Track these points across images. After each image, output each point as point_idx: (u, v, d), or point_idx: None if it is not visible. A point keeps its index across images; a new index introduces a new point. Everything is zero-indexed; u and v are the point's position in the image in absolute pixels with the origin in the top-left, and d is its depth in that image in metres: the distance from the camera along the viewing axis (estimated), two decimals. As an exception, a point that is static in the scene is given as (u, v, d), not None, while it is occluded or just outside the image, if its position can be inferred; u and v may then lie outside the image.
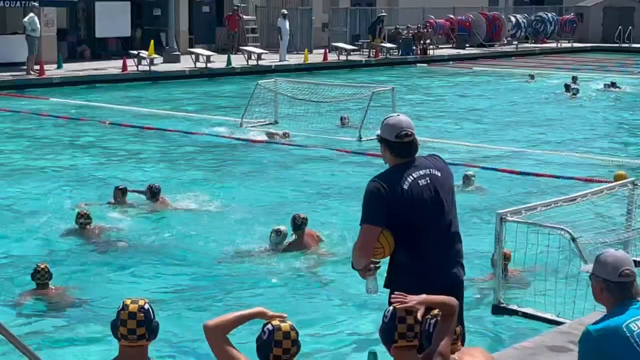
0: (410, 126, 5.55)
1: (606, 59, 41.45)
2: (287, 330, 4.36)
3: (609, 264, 4.67)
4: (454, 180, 5.80)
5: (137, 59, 30.43)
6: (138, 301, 4.53)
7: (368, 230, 5.39)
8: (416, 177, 5.46)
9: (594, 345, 4.58)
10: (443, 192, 5.51)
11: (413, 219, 5.40)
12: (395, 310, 4.68)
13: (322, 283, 9.91)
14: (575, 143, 19.20)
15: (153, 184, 13.06)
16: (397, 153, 5.52)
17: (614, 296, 4.66)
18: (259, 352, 4.39)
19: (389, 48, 38.38)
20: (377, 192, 5.39)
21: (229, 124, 20.88)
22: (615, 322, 4.59)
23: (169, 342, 7.91)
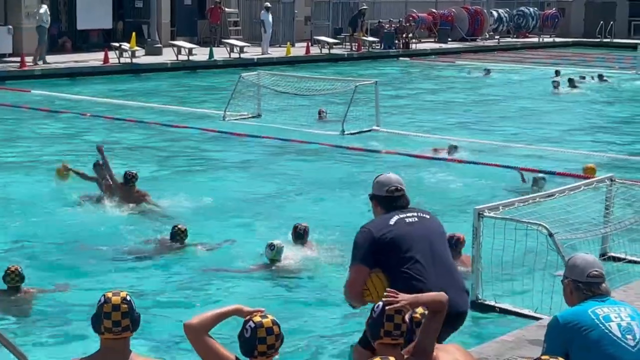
0: (399, 182, 5.86)
1: (588, 54, 41.64)
2: (269, 326, 4.37)
3: (578, 267, 4.97)
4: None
5: (118, 51, 30.31)
6: (120, 293, 4.54)
7: (354, 270, 5.67)
8: (403, 216, 5.74)
9: (561, 329, 4.82)
10: (431, 231, 5.74)
11: (405, 251, 5.59)
12: (384, 308, 4.72)
13: (303, 278, 9.92)
14: (556, 137, 19.29)
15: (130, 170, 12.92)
16: (386, 206, 5.81)
17: (582, 295, 4.91)
18: (243, 349, 4.39)
19: (371, 42, 38.39)
20: (364, 234, 5.69)
21: (211, 117, 20.86)
22: (581, 308, 4.86)
23: (150, 340, 7.91)
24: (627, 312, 4.82)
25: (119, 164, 15.63)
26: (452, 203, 13.02)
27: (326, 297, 9.23)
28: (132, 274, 9.97)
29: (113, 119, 20.51)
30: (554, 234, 7.80)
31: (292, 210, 12.75)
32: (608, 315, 4.76)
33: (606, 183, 9.44)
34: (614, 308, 4.82)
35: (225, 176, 15.09)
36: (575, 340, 4.74)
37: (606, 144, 19.02)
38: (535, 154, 16.56)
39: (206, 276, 9.90)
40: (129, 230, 11.35)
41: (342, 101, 20.65)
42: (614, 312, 4.78)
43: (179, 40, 34.32)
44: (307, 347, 8.09)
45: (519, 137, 19.24)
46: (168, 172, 15.24)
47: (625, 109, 24.49)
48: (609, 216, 9.28)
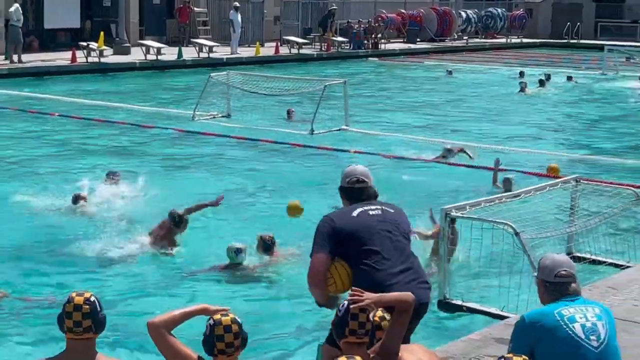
0: (364, 174, 5.80)
1: (555, 55, 41.97)
2: (228, 324, 4.37)
3: (547, 267, 4.99)
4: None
5: (86, 51, 30.15)
6: (84, 293, 4.52)
7: (314, 259, 5.60)
8: (367, 209, 5.68)
9: (526, 329, 4.86)
10: (394, 224, 5.67)
11: (366, 243, 5.54)
12: (349, 306, 4.75)
13: (270, 278, 9.93)
14: (522, 137, 19.43)
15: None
16: (348, 197, 5.77)
17: (552, 295, 4.95)
18: (204, 347, 4.41)
19: (340, 42, 38.46)
20: (325, 224, 5.63)
21: (180, 117, 20.81)
22: (548, 309, 4.90)
23: (114, 339, 7.89)
24: (594, 312, 4.83)
25: (86, 164, 15.60)
26: (420, 202, 13.07)
27: (292, 298, 9.24)
28: (101, 275, 9.92)
29: (81, 119, 20.40)
30: (519, 232, 7.87)
31: (261, 210, 12.77)
32: (573, 316, 4.78)
33: (572, 183, 9.53)
34: (581, 308, 4.84)
35: (194, 176, 15.06)
36: (539, 341, 4.78)
37: (572, 144, 19.19)
38: (501, 154, 16.65)
39: (175, 277, 9.88)
40: (95, 232, 11.30)
41: (311, 101, 20.68)
42: (579, 313, 4.80)
43: (147, 39, 34.18)
44: (275, 347, 8.11)
45: (486, 137, 19.34)
46: (136, 172, 15.16)
47: (592, 110, 24.71)
48: (574, 216, 9.37)
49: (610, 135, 20.42)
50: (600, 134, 20.63)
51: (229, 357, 4.38)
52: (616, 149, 18.49)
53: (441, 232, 8.08)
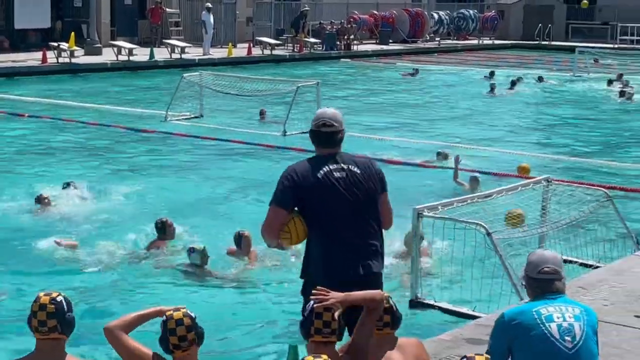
0: (333, 118, 5.63)
1: (526, 56, 42.20)
2: (179, 318, 4.38)
3: (533, 262, 4.97)
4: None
5: (57, 51, 29.96)
6: (51, 293, 4.49)
7: (272, 211, 5.52)
8: (332, 168, 5.55)
9: (505, 326, 4.85)
10: (359, 188, 5.58)
11: (324, 207, 5.48)
12: (314, 306, 4.75)
13: (239, 278, 9.89)
14: (494, 138, 19.51)
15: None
16: (316, 142, 5.64)
17: (534, 291, 4.95)
18: (161, 345, 4.43)
19: (313, 43, 38.48)
20: (289, 176, 5.51)
21: (153, 117, 20.72)
22: (527, 307, 4.89)
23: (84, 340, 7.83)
24: (573, 313, 4.79)
25: (57, 166, 15.50)
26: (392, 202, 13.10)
27: (267, 299, 9.23)
28: (69, 277, 9.80)
29: (52, 119, 20.26)
30: (491, 233, 7.89)
31: (233, 211, 12.73)
32: (551, 315, 4.76)
33: (543, 184, 9.58)
34: (561, 307, 4.80)
35: (166, 177, 15.00)
36: (516, 338, 4.78)
37: (543, 144, 19.30)
38: (473, 154, 16.72)
39: (144, 279, 9.81)
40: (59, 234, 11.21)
41: (284, 102, 20.66)
42: (557, 312, 4.77)
43: (119, 40, 34.03)
44: (247, 347, 8.08)
45: (457, 137, 19.40)
46: (108, 173, 15.09)
47: (562, 111, 24.86)
48: (546, 216, 9.42)
49: (580, 136, 20.55)
50: (571, 135, 20.75)
51: (184, 352, 4.38)
52: (587, 149, 18.61)
53: (413, 232, 8.09)
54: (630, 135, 20.85)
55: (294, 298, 9.04)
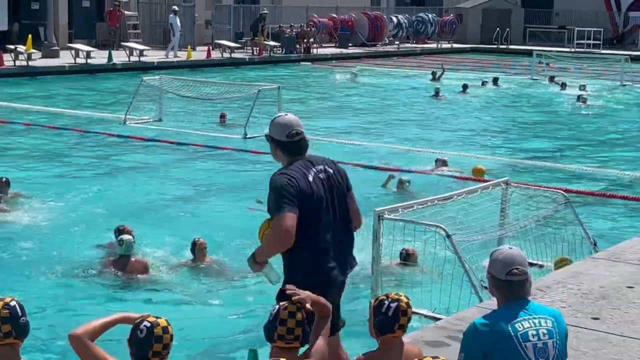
0: (299, 125, 5.70)
1: (485, 60, 42.53)
2: (165, 325, 4.36)
3: (499, 262, 4.66)
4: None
5: (14, 54, 29.67)
6: (5, 298, 4.43)
7: (288, 217, 5.41)
8: (317, 171, 5.62)
9: (478, 339, 4.59)
10: (337, 189, 5.69)
11: (317, 212, 5.54)
12: (279, 312, 4.74)
13: (201, 283, 9.86)
14: (452, 142, 19.62)
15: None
16: (289, 152, 5.66)
17: (502, 294, 4.67)
18: (136, 352, 4.35)
19: (272, 46, 38.45)
20: (291, 180, 5.48)
21: (111, 121, 20.58)
22: (502, 320, 4.60)
23: (37, 349, 7.76)
24: (546, 327, 4.61)
25: (13, 169, 15.32)
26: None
27: (224, 304, 9.20)
28: (22, 281, 9.71)
29: (8, 123, 20.05)
30: (451, 235, 7.94)
31: (193, 214, 12.67)
32: (526, 333, 4.55)
33: (502, 186, 9.65)
34: (535, 321, 4.60)
35: (125, 181, 14.89)
36: (489, 354, 4.57)
37: (501, 147, 19.44)
38: (430, 157, 16.81)
39: (101, 284, 9.73)
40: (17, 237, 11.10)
41: (244, 105, 20.63)
42: (533, 329, 4.57)
43: (76, 43, 33.76)
44: (207, 353, 8.05)
45: (414, 141, 19.48)
46: (65, 176, 14.97)
47: (521, 114, 25.08)
48: (505, 218, 9.49)
49: (538, 139, 20.73)
50: (529, 138, 20.93)
51: (161, 359, 4.34)
52: (545, 152, 18.78)
53: (374, 234, 8.11)
54: (586, 138, 21.09)
55: (253, 301, 9.08)
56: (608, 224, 12.74)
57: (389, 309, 4.89)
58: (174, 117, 20.83)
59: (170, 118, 20.70)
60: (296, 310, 4.77)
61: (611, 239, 11.02)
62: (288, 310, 4.75)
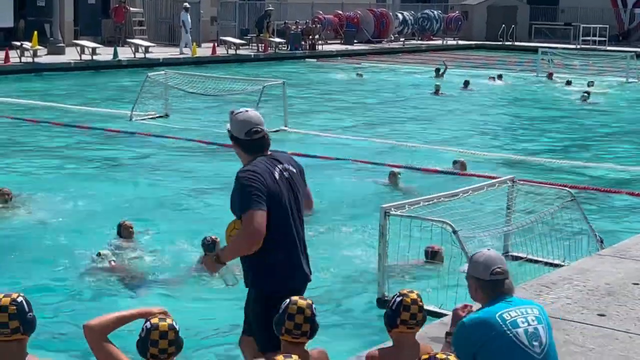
0: (259, 122, 5.50)
1: (490, 57, 42.48)
2: (164, 330, 4.31)
3: (481, 264, 4.87)
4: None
5: (20, 51, 29.70)
6: (11, 294, 4.42)
7: (258, 215, 5.21)
8: (281, 169, 5.45)
9: (467, 335, 4.73)
10: (298, 187, 5.53)
11: (282, 211, 5.37)
12: (288, 306, 4.77)
13: (211, 279, 9.86)
14: (455, 138, 19.61)
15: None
16: (248, 150, 5.48)
17: (487, 294, 4.85)
18: (138, 348, 4.36)
19: (277, 43, 38.45)
20: (256, 177, 5.30)
21: (118, 117, 20.59)
22: (488, 313, 4.76)
23: (48, 340, 7.79)
24: (533, 315, 4.76)
25: (20, 166, 15.36)
26: (359, 202, 13.15)
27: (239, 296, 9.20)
28: (29, 276, 9.72)
29: (14, 119, 20.08)
30: (457, 231, 7.95)
31: (198, 211, 12.69)
32: (515, 321, 4.69)
33: (508, 184, 9.66)
34: (522, 310, 4.75)
35: (131, 177, 14.92)
36: (483, 347, 4.68)
37: (507, 144, 19.43)
38: (435, 155, 16.81)
39: (109, 280, 9.75)
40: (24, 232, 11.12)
41: (249, 101, 20.62)
42: (521, 317, 4.71)
43: (82, 39, 33.79)
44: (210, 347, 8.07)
45: (420, 138, 19.49)
46: (71, 173, 14.99)
47: (527, 111, 25.06)
48: (511, 215, 9.50)
49: (542, 136, 20.72)
50: (534, 135, 20.91)
51: None
52: (550, 150, 18.76)
53: (380, 230, 8.12)
54: (591, 135, 21.07)
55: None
56: (614, 221, 12.74)
57: (393, 303, 4.93)
58: (180, 113, 20.84)
59: (176, 114, 20.71)
60: (305, 306, 4.79)
61: (617, 235, 11.03)
62: (297, 305, 4.77)
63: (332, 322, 8.31)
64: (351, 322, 8.59)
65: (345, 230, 11.64)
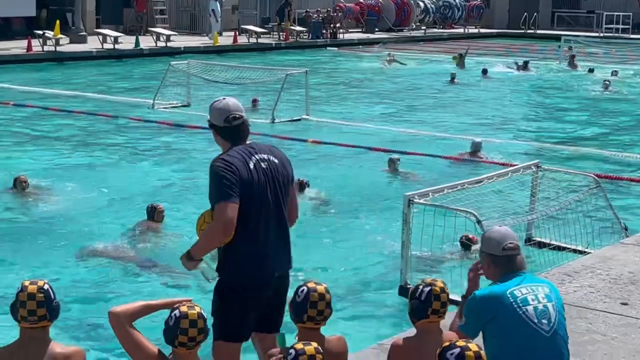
0: (238, 109, 5.43)
1: (512, 45, 42.24)
2: (194, 318, 4.30)
3: (493, 240, 4.92)
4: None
5: (42, 39, 29.81)
6: (37, 282, 4.45)
7: (229, 207, 5.12)
8: (259, 159, 5.34)
9: (478, 308, 4.81)
10: (279, 180, 5.39)
11: (256, 202, 5.25)
12: (309, 293, 4.75)
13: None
14: (483, 126, 19.54)
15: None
16: (228, 138, 5.38)
17: (500, 269, 4.89)
18: (165, 336, 4.35)
19: (299, 31, 38.40)
20: (229, 168, 5.20)
21: (140, 106, 20.65)
22: (500, 288, 4.83)
23: (73, 327, 7.83)
24: (544, 293, 4.80)
25: (42, 154, 15.44)
26: (380, 191, 13.13)
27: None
28: (54, 263, 9.77)
29: (37, 108, 20.17)
30: (481, 220, 7.91)
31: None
32: (526, 298, 4.73)
33: (532, 170, 9.60)
34: (532, 288, 4.79)
35: (153, 165, 14.96)
36: (491, 321, 4.74)
37: (531, 132, 19.34)
38: (459, 143, 16.75)
39: (133, 267, 9.79)
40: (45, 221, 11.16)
41: (272, 90, 20.64)
42: (531, 294, 4.75)
43: (104, 28, 33.88)
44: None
45: (445, 126, 19.43)
46: (93, 161, 15.04)
47: (548, 99, 24.93)
48: (535, 202, 9.44)
49: (565, 124, 20.60)
50: (555, 122, 20.80)
51: (188, 350, 4.34)
52: (574, 137, 18.65)
53: (403, 218, 8.10)
54: (615, 123, 20.93)
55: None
56: (638, 210, 12.65)
57: (422, 293, 4.88)
58: (202, 102, 20.86)
59: (198, 102, 20.74)
60: (325, 291, 4.79)
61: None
62: (318, 292, 4.77)
63: (353, 311, 8.31)
64: (372, 310, 8.58)
65: (367, 218, 11.63)
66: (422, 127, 18.97)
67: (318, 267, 9.55)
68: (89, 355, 4.70)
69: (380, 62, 32.14)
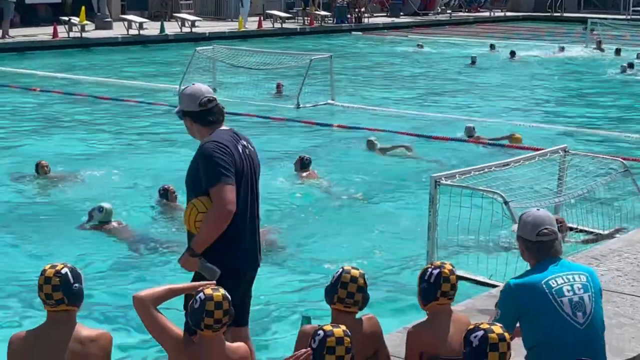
0: (209, 91, 5.30)
1: (538, 28, 41.93)
2: (219, 300, 4.30)
3: (529, 224, 4.79)
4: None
5: (68, 26, 29.93)
6: (57, 266, 4.47)
7: (229, 189, 4.98)
8: (243, 145, 5.24)
9: (513, 297, 4.70)
10: (256, 171, 5.32)
11: (242, 187, 5.14)
12: (341, 275, 4.75)
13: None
14: (514, 111, 19.41)
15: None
16: (205, 122, 5.23)
17: (534, 255, 4.78)
18: (191, 319, 4.36)
19: (323, 16, 38.31)
20: (223, 149, 5.07)
21: (166, 91, 20.67)
22: (535, 278, 4.70)
23: (99, 311, 7.86)
24: (581, 282, 4.68)
25: (70, 139, 15.50)
26: (407, 173, 13.10)
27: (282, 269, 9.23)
28: (78, 247, 9.79)
29: (63, 94, 20.25)
30: (509, 202, 7.86)
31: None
32: (561, 289, 4.63)
33: (560, 154, 9.53)
34: (569, 277, 4.67)
35: (179, 150, 14.96)
36: (526, 312, 4.66)
37: (558, 116, 19.19)
38: (488, 126, 16.66)
39: (156, 251, 9.80)
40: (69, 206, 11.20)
41: (297, 75, 20.60)
42: (567, 284, 4.64)
43: (129, 14, 33.96)
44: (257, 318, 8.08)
45: (470, 110, 19.33)
46: (119, 147, 15.09)
47: (577, 83, 24.72)
48: (562, 186, 9.37)
49: (593, 108, 20.42)
50: (583, 106, 20.63)
51: (214, 332, 4.34)
52: (602, 121, 18.49)
53: (430, 199, 8.06)
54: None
55: (308, 269, 9.08)
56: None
57: (431, 276, 4.83)
58: (228, 87, 20.86)
59: (224, 88, 20.73)
60: (359, 275, 4.77)
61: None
62: (351, 274, 4.76)
63: (378, 294, 8.28)
64: (397, 294, 8.55)
65: (393, 202, 11.61)
66: (448, 112, 18.87)
67: (344, 251, 9.53)
68: (116, 339, 4.70)
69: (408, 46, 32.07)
